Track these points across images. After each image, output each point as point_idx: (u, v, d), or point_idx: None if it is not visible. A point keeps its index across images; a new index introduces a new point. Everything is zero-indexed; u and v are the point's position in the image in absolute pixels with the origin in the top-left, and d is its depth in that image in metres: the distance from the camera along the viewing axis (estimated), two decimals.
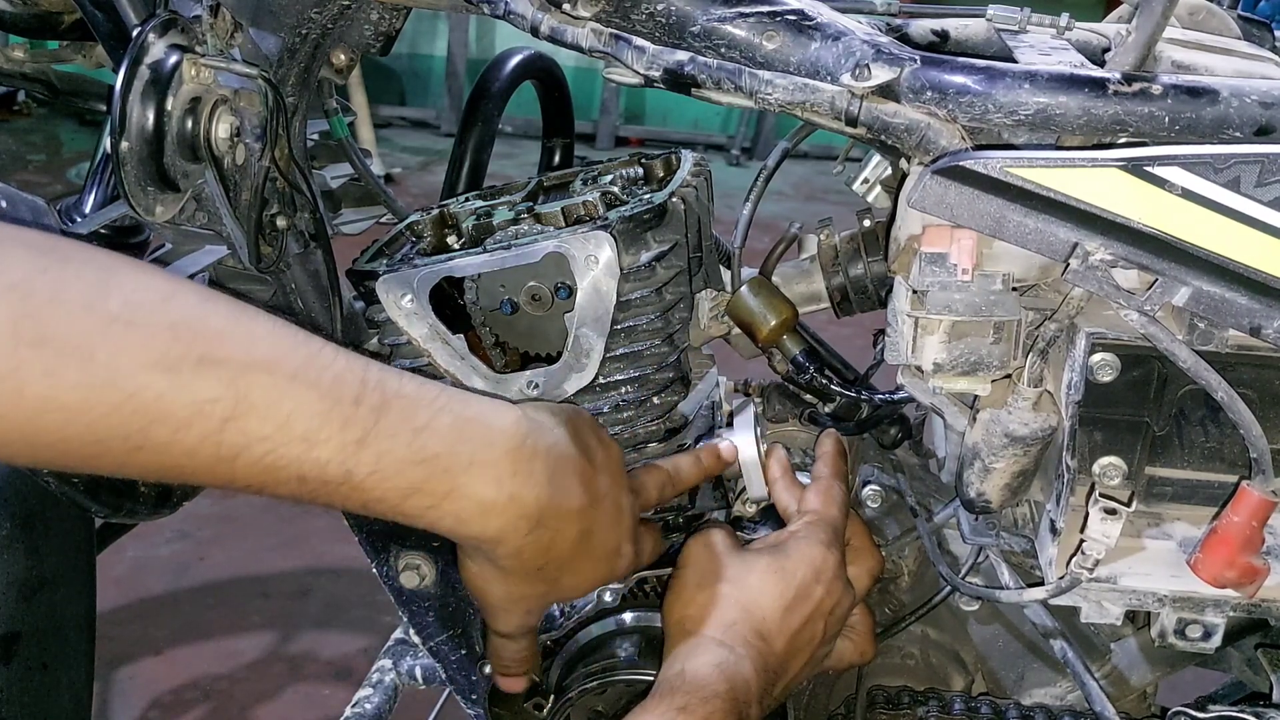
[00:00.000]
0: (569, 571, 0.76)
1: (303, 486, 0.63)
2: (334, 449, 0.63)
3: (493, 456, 0.69)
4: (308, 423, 0.62)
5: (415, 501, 0.67)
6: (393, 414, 0.65)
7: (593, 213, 0.89)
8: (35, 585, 1.11)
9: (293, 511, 2.81)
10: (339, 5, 0.88)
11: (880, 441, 1.10)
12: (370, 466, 0.64)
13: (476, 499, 0.69)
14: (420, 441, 0.66)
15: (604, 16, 0.81)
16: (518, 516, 0.70)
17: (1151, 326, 0.73)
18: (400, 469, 0.65)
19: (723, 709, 0.75)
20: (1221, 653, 1.08)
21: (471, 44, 6.86)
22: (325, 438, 0.62)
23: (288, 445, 0.61)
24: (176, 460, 0.59)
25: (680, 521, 0.95)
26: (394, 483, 0.65)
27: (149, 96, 0.79)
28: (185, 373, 0.58)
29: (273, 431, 0.61)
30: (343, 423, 0.63)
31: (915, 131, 0.76)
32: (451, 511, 0.68)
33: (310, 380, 0.62)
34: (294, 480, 0.63)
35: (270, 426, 0.61)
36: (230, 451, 0.60)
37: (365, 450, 0.64)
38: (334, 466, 0.63)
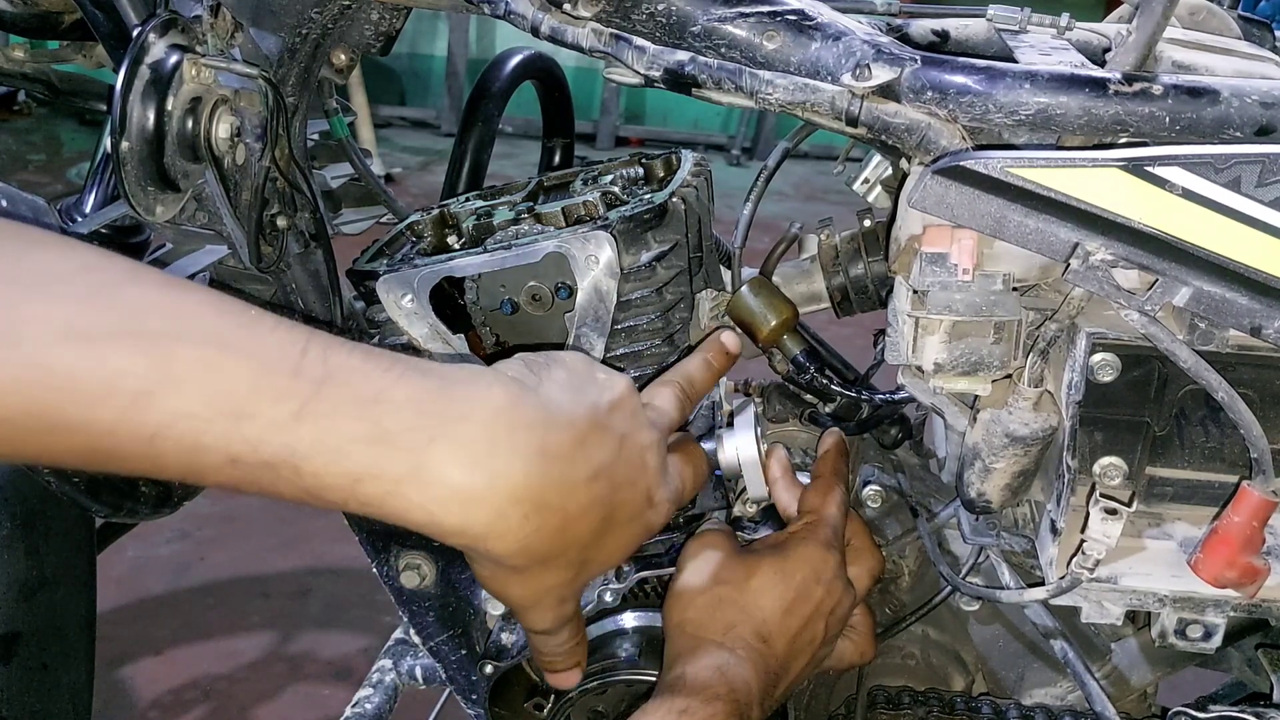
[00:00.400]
0: (596, 548, 0.67)
1: (236, 469, 0.55)
2: (265, 425, 0.55)
3: (464, 431, 0.59)
4: (236, 396, 0.54)
5: (369, 489, 0.57)
6: (337, 384, 0.56)
7: (593, 213, 0.89)
8: (35, 585, 1.11)
9: (293, 512, 2.82)
10: (339, 5, 0.88)
11: (880, 441, 1.10)
12: (310, 445, 0.55)
13: (447, 484, 0.58)
14: (371, 416, 0.57)
15: (604, 16, 0.81)
16: (507, 502, 0.59)
17: (1152, 326, 0.73)
18: (347, 448, 0.56)
19: (724, 711, 0.75)
20: (1222, 653, 1.08)
21: (471, 44, 6.86)
22: (255, 412, 0.54)
23: (213, 421, 0.54)
24: (97, 441, 0.53)
25: (680, 521, 0.95)
26: (342, 465, 0.56)
27: (149, 96, 0.79)
28: (99, 343, 0.53)
29: (197, 407, 0.54)
30: (275, 396, 0.55)
31: (916, 131, 0.76)
32: (418, 501, 0.58)
33: (241, 350, 0.55)
34: (225, 463, 0.55)
35: (193, 401, 0.54)
36: (148, 429, 0.53)
37: (303, 426, 0.55)
38: (268, 446, 0.55)
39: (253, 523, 2.80)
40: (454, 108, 6.70)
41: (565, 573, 0.67)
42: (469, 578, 0.99)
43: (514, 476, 0.60)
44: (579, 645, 0.77)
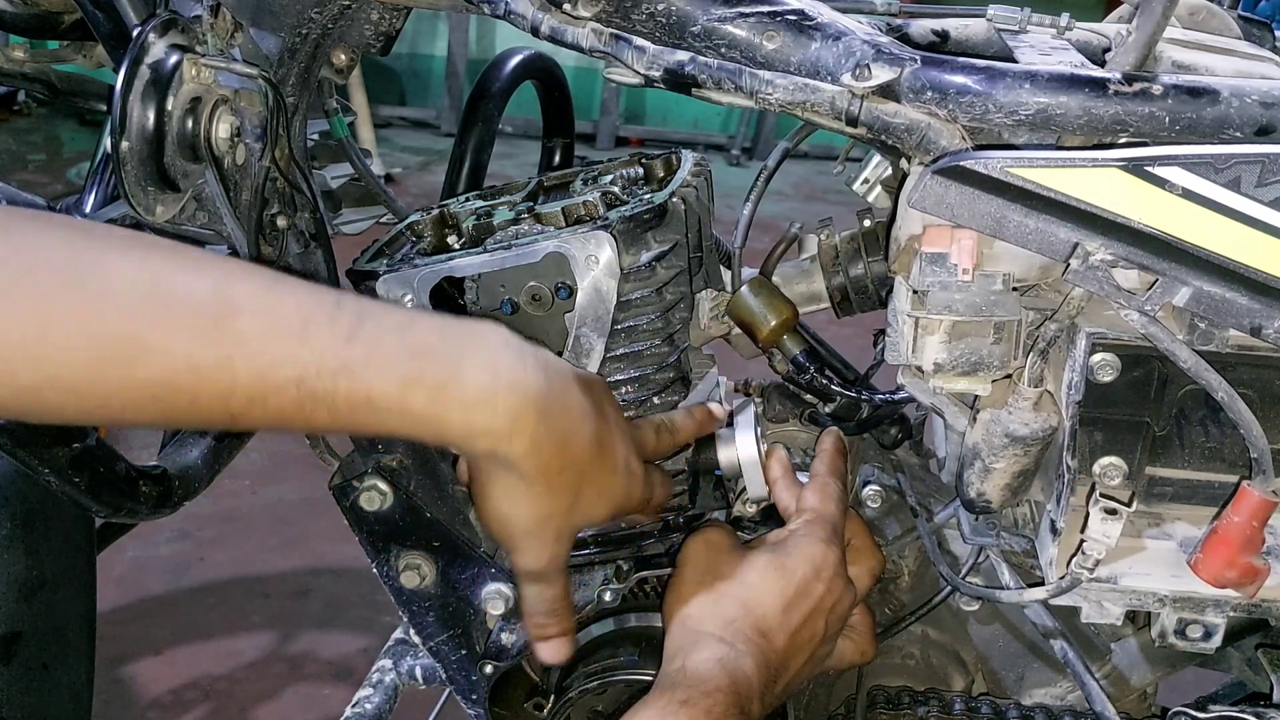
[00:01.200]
0: (589, 479, 0.74)
1: (302, 389, 0.62)
2: (325, 342, 0.63)
3: (484, 347, 0.68)
4: (295, 320, 0.62)
5: (417, 395, 0.65)
6: (374, 316, 0.65)
7: (593, 213, 0.89)
8: (35, 585, 1.11)
9: (294, 512, 2.82)
10: (339, 5, 0.88)
11: (880, 441, 1.10)
12: (364, 359, 0.63)
13: (477, 385, 0.67)
14: (409, 336, 0.66)
15: (604, 16, 0.81)
16: (522, 405, 0.68)
17: (1152, 326, 0.73)
18: (394, 360, 0.65)
19: (724, 702, 0.75)
20: (1222, 653, 1.08)
21: (471, 44, 6.86)
22: (315, 332, 0.63)
23: (280, 341, 0.62)
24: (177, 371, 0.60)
25: (680, 521, 0.95)
26: (391, 373, 0.64)
27: (149, 96, 0.79)
28: (171, 275, 0.61)
29: (264, 328, 0.62)
30: (329, 319, 0.63)
31: (916, 131, 0.76)
32: (456, 402, 0.66)
33: (287, 289, 0.64)
34: (292, 382, 0.62)
35: (260, 324, 0.62)
36: (226, 351, 0.61)
37: (355, 345, 0.63)
38: (329, 360, 0.62)
39: (253, 523, 2.80)
40: (454, 108, 6.69)
41: (564, 497, 0.74)
42: (469, 578, 0.99)
43: (528, 382, 0.69)
44: (566, 609, 0.82)
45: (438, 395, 0.66)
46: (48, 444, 0.89)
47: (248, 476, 2.91)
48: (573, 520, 0.77)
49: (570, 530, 0.78)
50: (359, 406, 0.64)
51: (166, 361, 0.60)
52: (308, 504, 2.82)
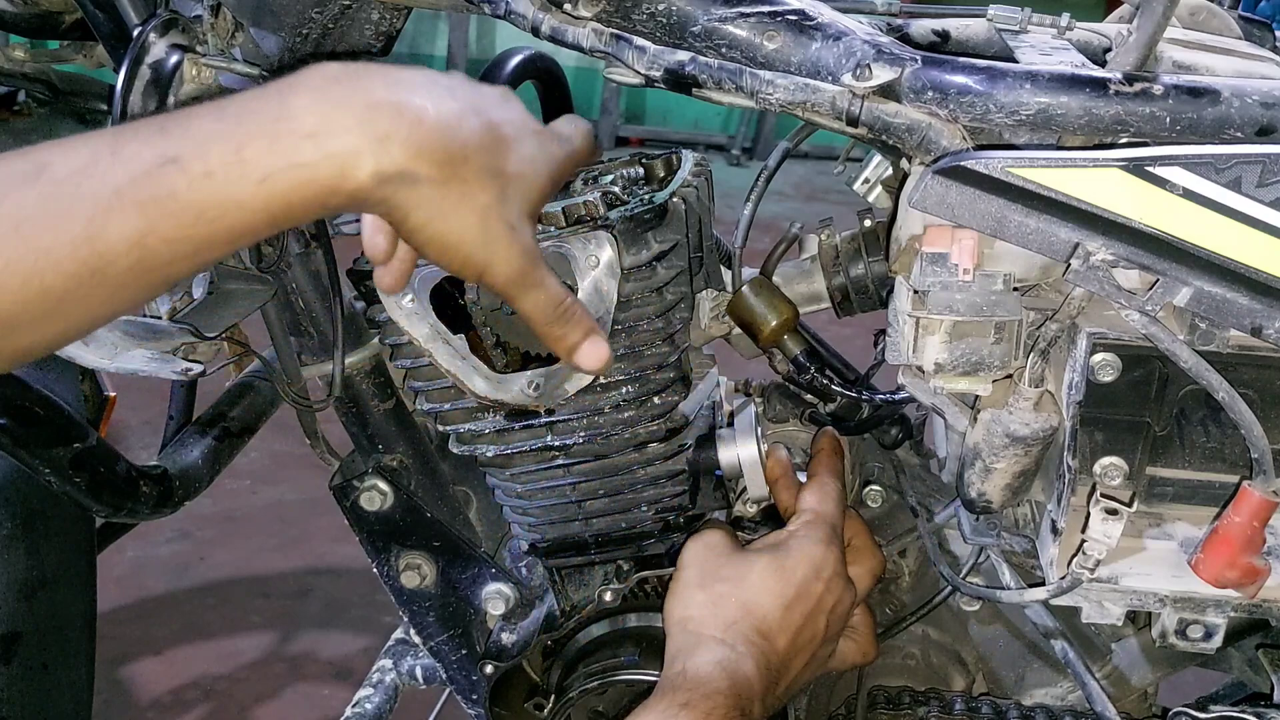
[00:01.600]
0: (504, 153, 0.67)
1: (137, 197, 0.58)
2: (135, 146, 0.58)
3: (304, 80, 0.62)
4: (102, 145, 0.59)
5: (254, 150, 0.59)
6: (185, 111, 0.61)
7: (593, 213, 0.89)
8: (35, 585, 1.11)
9: (294, 512, 2.82)
10: (340, 5, 0.88)
11: (881, 442, 1.10)
12: (179, 139, 0.59)
13: (310, 110, 0.60)
14: (222, 109, 0.61)
15: (605, 16, 0.81)
16: (368, 106, 0.61)
17: (1153, 327, 0.73)
18: (214, 130, 0.59)
19: (724, 705, 0.75)
20: (1222, 653, 1.08)
21: (471, 44, 6.86)
22: (123, 144, 0.59)
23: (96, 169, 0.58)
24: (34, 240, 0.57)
25: (680, 521, 0.95)
26: (218, 145, 0.59)
27: (150, 96, 0.79)
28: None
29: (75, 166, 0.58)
30: (134, 131, 0.59)
31: (916, 131, 0.76)
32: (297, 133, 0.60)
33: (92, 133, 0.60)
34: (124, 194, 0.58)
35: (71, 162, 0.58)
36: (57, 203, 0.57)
37: (169, 134, 0.59)
38: (146, 155, 0.58)
39: (253, 523, 2.80)
40: None
41: (487, 187, 0.66)
42: (469, 577, 0.99)
43: (365, 88, 0.62)
44: (577, 306, 0.72)
45: (276, 140, 0.59)
46: (49, 444, 0.89)
47: (248, 476, 2.91)
48: (515, 200, 0.68)
49: (519, 213, 0.68)
50: (204, 191, 0.59)
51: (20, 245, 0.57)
52: (308, 504, 2.82)
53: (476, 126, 0.65)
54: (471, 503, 1.06)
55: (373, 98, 0.62)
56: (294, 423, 1.00)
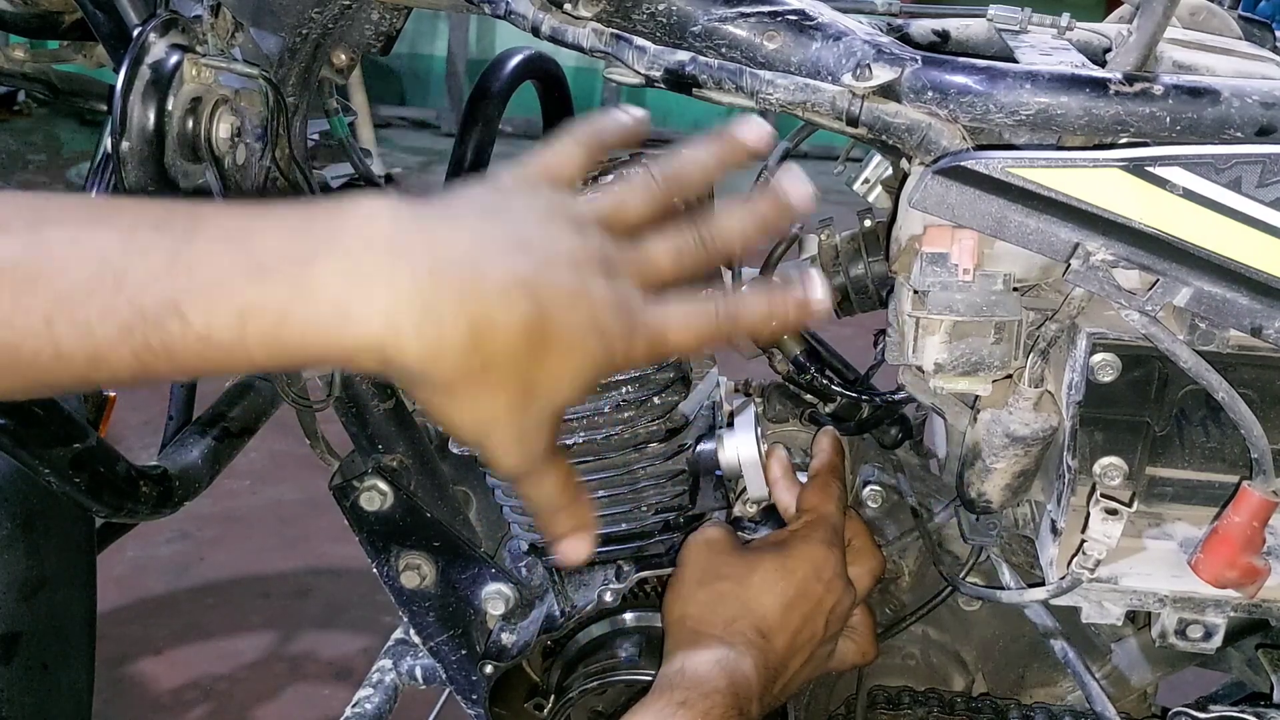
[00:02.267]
0: (535, 368, 0.57)
1: (132, 339, 0.52)
2: (141, 279, 0.52)
3: (340, 244, 0.54)
4: (109, 263, 0.52)
5: (258, 323, 0.53)
6: (205, 229, 0.54)
7: None
8: (35, 585, 1.11)
9: (293, 512, 2.82)
10: (339, 5, 0.88)
11: (881, 441, 1.10)
12: (187, 288, 0.52)
13: (332, 299, 0.53)
14: (244, 249, 0.53)
15: (605, 16, 0.81)
16: (394, 309, 0.53)
17: (1152, 327, 0.73)
18: (225, 284, 0.52)
19: (723, 704, 0.75)
20: (1222, 653, 1.08)
21: (471, 44, 6.86)
22: (127, 268, 0.52)
23: (95, 293, 0.52)
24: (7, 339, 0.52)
25: (680, 522, 0.95)
26: (225, 305, 0.52)
27: (150, 96, 0.79)
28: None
29: (78, 281, 0.52)
30: (144, 249, 0.52)
31: (916, 132, 0.76)
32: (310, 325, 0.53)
33: (109, 221, 0.54)
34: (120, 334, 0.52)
35: (73, 276, 0.52)
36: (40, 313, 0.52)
37: (177, 272, 0.52)
38: (149, 299, 0.52)
39: (253, 523, 2.80)
40: (454, 108, 6.68)
41: (506, 395, 0.58)
42: (469, 577, 0.99)
43: (399, 281, 0.54)
44: (575, 502, 0.65)
45: (283, 322, 0.53)
46: (49, 444, 0.89)
47: (248, 476, 2.91)
48: (530, 414, 0.60)
49: (536, 423, 0.60)
50: (201, 350, 0.53)
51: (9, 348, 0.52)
52: (308, 504, 2.82)
53: (512, 330, 0.56)
54: (471, 503, 1.06)
55: (400, 288, 0.54)
56: (294, 423, 1.00)
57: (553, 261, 0.57)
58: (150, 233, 0.53)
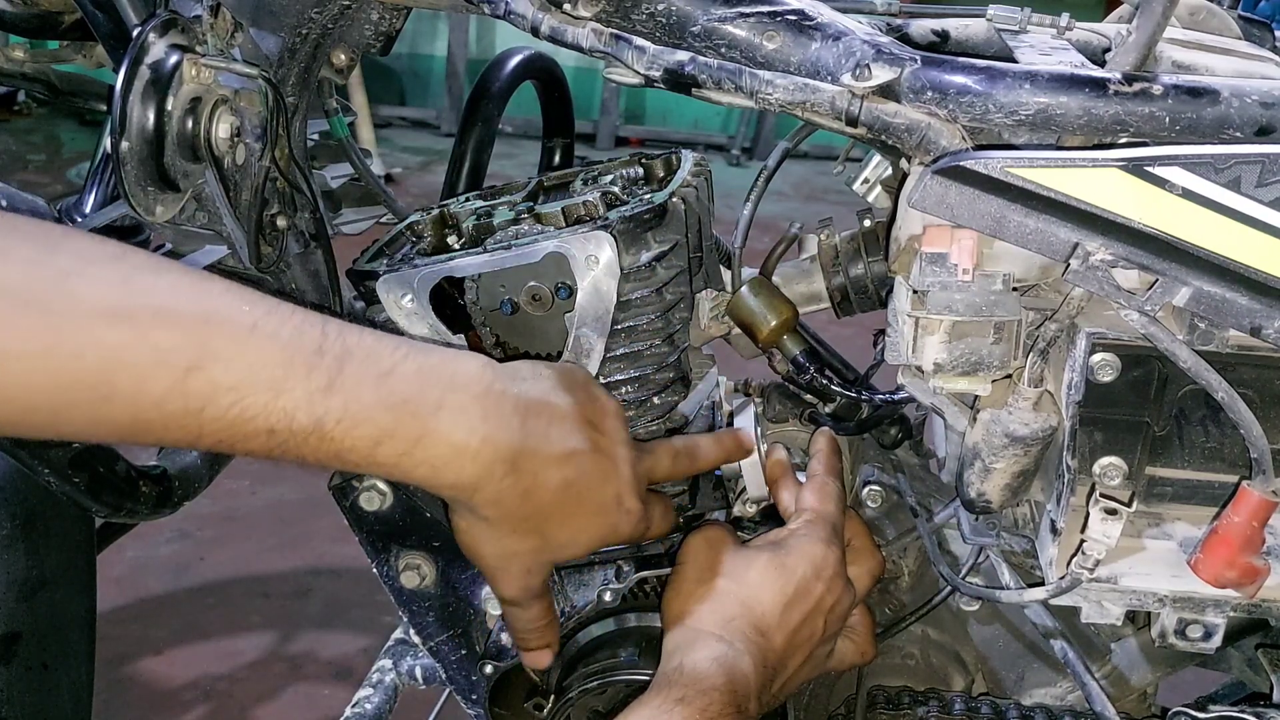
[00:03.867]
0: (558, 523, 0.74)
1: (272, 439, 0.62)
2: (301, 396, 0.61)
3: (461, 399, 0.68)
4: (272, 371, 0.61)
5: (387, 449, 0.65)
6: (356, 361, 0.64)
7: (593, 213, 0.89)
8: (35, 585, 1.11)
9: (294, 512, 2.82)
10: (339, 5, 0.88)
11: (880, 441, 1.10)
12: (339, 414, 0.63)
13: (449, 443, 0.67)
14: (388, 386, 0.65)
15: (604, 16, 0.81)
16: (492, 460, 0.69)
17: (1152, 327, 0.73)
18: (369, 414, 0.64)
19: (720, 701, 0.75)
20: (1222, 653, 1.08)
21: (471, 44, 6.86)
22: (291, 386, 0.61)
23: (254, 395, 0.60)
24: (145, 413, 0.59)
25: (680, 522, 0.95)
26: (364, 430, 0.64)
27: (149, 96, 0.79)
28: (143, 322, 0.59)
29: (238, 381, 0.60)
30: (308, 370, 0.62)
31: (916, 131, 0.76)
32: (425, 459, 0.67)
33: (270, 331, 0.62)
34: (263, 433, 0.61)
35: (235, 375, 0.60)
36: (197, 403, 0.60)
37: (332, 397, 0.62)
38: (302, 415, 0.62)
39: (253, 523, 2.80)
40: (454, 108, 6.69)
41: (530, 540, 0.74)
42: (469, 578, 0.99)
43: (500, 439, 0.69)
44: (549, 627, 0.84)
45: (408, 452, 0.66)
46: (48, 444, 0.89)
47: (248, 476, 2.91)
48: (542, 558, 0.78)
49: (540, 566, 0.78)
50: (328, 459, 0.64)
51: (133, 409, 0.59)
52: (308, 504, 2.82)
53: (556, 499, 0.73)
54: None
55: (499, 450, 0.69)
56: None
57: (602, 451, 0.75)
58: (312, 356, 0.63)
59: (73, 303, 0.57)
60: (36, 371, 0.57)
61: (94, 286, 0.58)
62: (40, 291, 0.57)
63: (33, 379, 0.57)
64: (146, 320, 0.59)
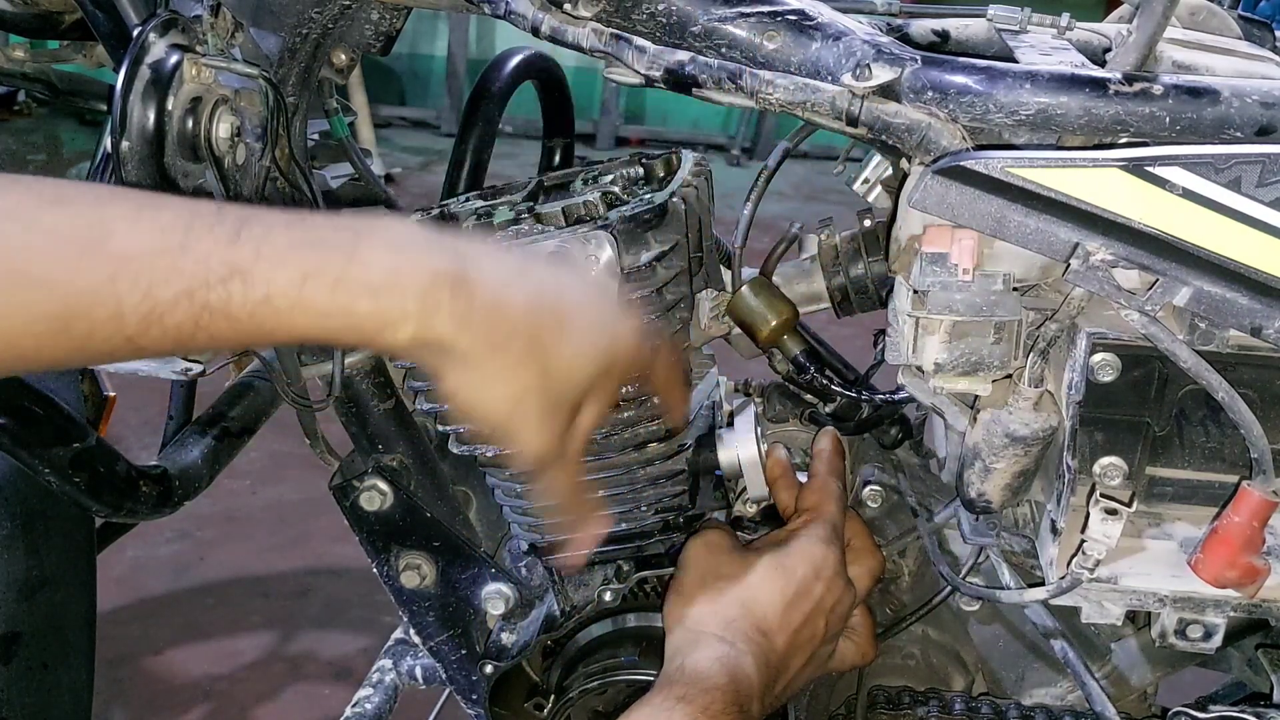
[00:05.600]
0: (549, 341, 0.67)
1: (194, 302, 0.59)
2: (208, 248, 0.59)
3: (383, 229, 0.64)
4: (173, 232, 0.59)
5: (316, 287, 0.61)
6: (259, 216, 0.62)
7: (593, 213, 0.89)
8: (35, 585, 1.11)
9: (293, 512, 2.82)
10: (339, 5, 0.88)
11: (880, 441, 1.10)
12: (252, 256, 0.60)
13: (379, 265, 0.62)
14: (299, 231, 0.62)
15: (605, 16, 0.81)
16: (433, 274, 0.63)
17: (1152, 327, 0.73)
18: (286, 254, 0.60)
19: (722, 700, 0.75)
20: (1222, 653, 1.08)
21: (471, 44, 6.86)
22: (196, 240, 0.59)
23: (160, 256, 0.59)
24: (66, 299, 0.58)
25: (680, 522, 0.95)
26: (286, 268, 0.60)
27: (149, 96, 0.79)
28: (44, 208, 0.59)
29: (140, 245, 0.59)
30: (209, 227, 0.60)
31: (916, 131, 0.76)
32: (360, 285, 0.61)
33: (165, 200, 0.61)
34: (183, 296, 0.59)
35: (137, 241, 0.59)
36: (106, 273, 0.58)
37: (241, 246, 0.60)
38: (215, 264, 0.59)
39: (253, 523, 2.80)
40: (454, 108, 6.69)
41: (528, 369, 0.67)
42: (469, 578, 0.99)
43: (435, 256, 0.64)
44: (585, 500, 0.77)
45: (339, 284, 0.61)
46: (48, 444, 0.89)
47: (248, 476, 2.91)
48: (554, 388, 0.69)
49: (557, 401, 0.70)
50: (258, 310, 0.60)
51: (52, 293, 0.58)
52: (308, 504, 2.82)
53: (531, 308, 0.67)
54: (471, 503, 1.06)
55: (437, 265, 0.63)
56: (294, 423, 1.00)
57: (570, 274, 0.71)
58: (210, 216, 0.60)
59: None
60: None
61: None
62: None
63: None
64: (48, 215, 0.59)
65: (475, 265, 0.65)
